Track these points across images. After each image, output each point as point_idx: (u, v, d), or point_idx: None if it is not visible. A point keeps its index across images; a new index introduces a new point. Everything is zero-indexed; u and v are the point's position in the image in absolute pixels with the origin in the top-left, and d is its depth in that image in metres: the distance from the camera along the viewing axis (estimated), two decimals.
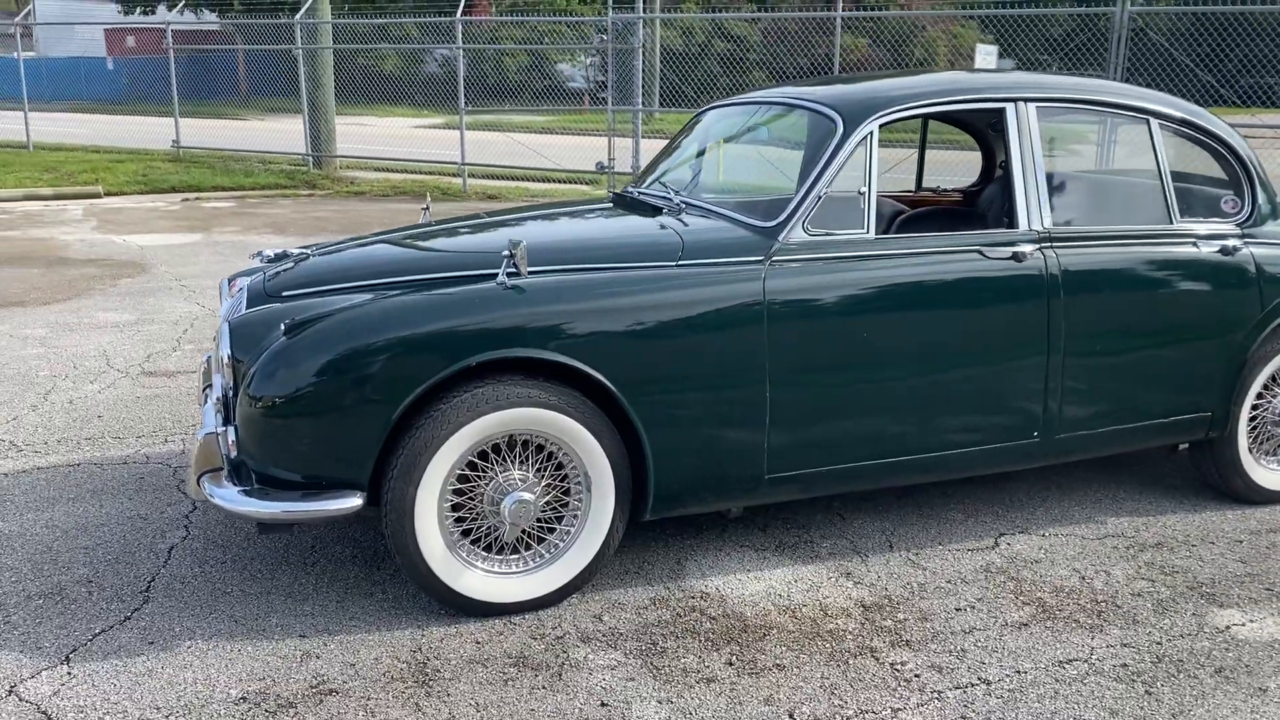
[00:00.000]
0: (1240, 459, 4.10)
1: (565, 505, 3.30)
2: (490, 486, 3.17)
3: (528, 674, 2.96)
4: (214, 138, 17.77)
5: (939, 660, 3.07)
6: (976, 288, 3.58)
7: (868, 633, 3.21)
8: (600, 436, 3.22)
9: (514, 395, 3.11)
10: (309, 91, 15.36)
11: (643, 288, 3.29)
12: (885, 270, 3.49)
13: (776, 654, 3.09)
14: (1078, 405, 3.75)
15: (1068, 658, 3.09)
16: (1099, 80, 4.06)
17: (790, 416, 3.40)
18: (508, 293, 3.16)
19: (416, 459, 3.05)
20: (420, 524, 3.09)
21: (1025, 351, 3.63)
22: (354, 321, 3.08)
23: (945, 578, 3.58)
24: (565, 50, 24.16)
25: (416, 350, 3.04)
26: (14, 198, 13.30)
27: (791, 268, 3.40)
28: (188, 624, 3.20)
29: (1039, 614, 3.34)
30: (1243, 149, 4.03)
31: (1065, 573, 3.63)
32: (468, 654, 3.06)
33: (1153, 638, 3.21)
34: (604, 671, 2.98)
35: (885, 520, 4.01)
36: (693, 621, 3.26)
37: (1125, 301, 3.76)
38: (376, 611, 3.28)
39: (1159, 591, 3.50)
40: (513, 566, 3.26)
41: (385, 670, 2.97)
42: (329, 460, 3.05)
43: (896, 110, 3.60)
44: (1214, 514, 4.13)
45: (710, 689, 2.91)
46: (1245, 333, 3.93)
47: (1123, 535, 3.93)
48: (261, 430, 3.05)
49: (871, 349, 3.46)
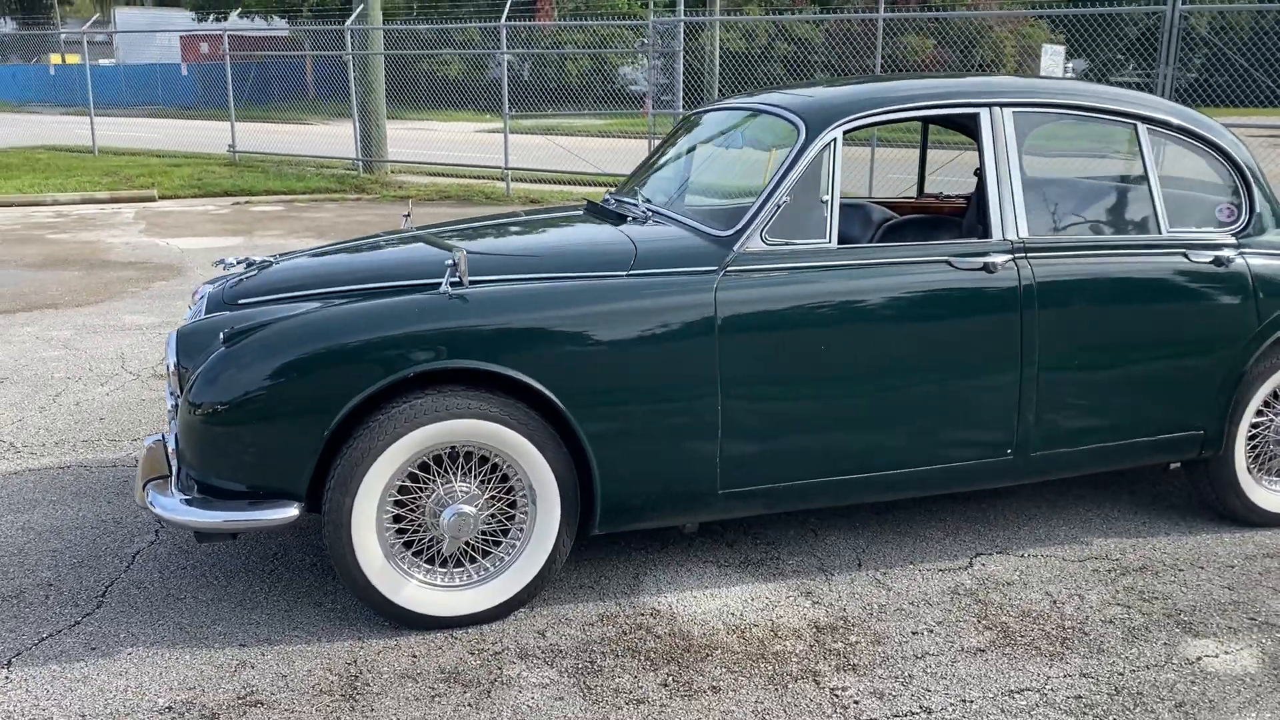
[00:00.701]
0: (1238, 479, 3.91)
1: (512, 518, 3.26)
2: (431, 499, 3.14)
3: (457, 690, 2.93)
4: (273, 142, 18.10)
5: (882, 686, 2.96)
6: (943, 300, 3.45)
7: (815, 655, 3.12)
8: (545, 449, 3.17)
9: (454, 407, 3.08)
10: (359, 97, 15.56)
11: (590, 298, 3.23)
12: (845, 281, 3.39)
13: (715, 676, 3.01)
14: (1055, 422, 3.61)
15: (1020, 687, 2.97)
16: (1084, 84, 3.90)
17: (744, 430, 3.32)
18: (450, 302, 3.12)
19: (353, 470, 3.03)
20: (358, 535, 3.07)
21: (996, 366, 3.50)
22: (290, 331, 3.07)
23: (909, 599, 3.46)
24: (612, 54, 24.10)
25: (353, 361, 3.02)
26: (72, 201, 13.68)
27: (746, 278, 3.31)
28: (134, 630, 3.21)
29: (999, 639, 3.21)
30: (1240, 154, 3.84)
31: (1037, 596, 3.49)
32: (401, 668, 3.03)
33: (1116, 668, 3.07)
34: (534, 690, 2.93)
35: (859, 537, 3.90)
36: (637, 640, 3.20)
37: (1106, 315, 3.61)
38: (321, 621, 3.27)
39: (1132, 619, 3.35)
40: (455, 579, 3.23)
41: (316, 682, 2.95)
42: (265, 470, 3.04)
43: (861, 117, 3.50)
44: (1209, 536, 3.94)
45: (638, 710, 2.84)
46: (1240, 348, 3.75)
47: (1106, 557, 3.77)
48: (199, 439, 3.06)
49: (830, 362, 3.36)
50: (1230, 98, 11.35)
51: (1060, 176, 4.04)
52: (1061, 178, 4.05)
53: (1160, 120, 3.75)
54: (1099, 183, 4.09)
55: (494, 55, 23.38)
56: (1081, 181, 4.10)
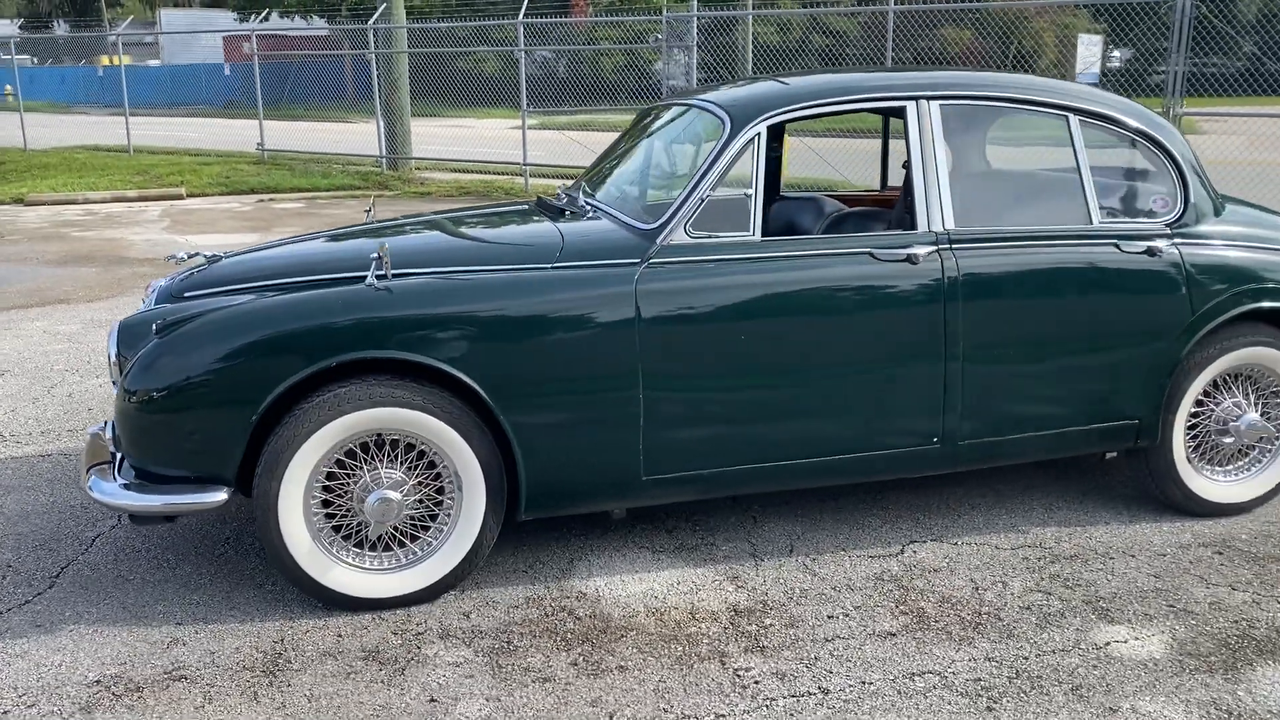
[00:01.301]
0: (1176, 468, 3.92)
1: (440, 504, 3.37)
2: (358, 485, 3.26)
3: (373, 668, 3.04)
4: (302, 140, 18.38)
5: (786, 668, 3.04)
6: (865, 291, 3.51)
7: (727, 637, 3.20)
8: (469, 437, 3.28)
9: (378, 395, 3.19)
10: (384, 94, 15.78)
11: (513, 290, 3.33)
12: (766, 273, 3.45)
13: (625, 655, 3.10)
14: (982, 412, 3.65)
15: (921, 670, 3.03)
16: (1018, 76, 3.91)
17: (667, 418, 3.40)
18: (373, 294, 3.24)
19: (279, 456, 3.15)
20: (285, 519, 3.19)
21: (920, 357, 3.55)
22: (218, 323, 3.20)
23: (832, 584, 3.53)
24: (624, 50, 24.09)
25: (276, 351, 3.14)
26: (103, 199, 14.03)
27: (667, 270, 3.39)
28: (79, 609, 3.37)
29: (913, 624, 3.27)
30: (1174, 145, 3.85)
31: (961, 582, 3.54)
32: (325, 646, 3.15)
33: (1021, 652, 3.11)
34: (447, 668, 3.04)
35: (796, 524, 3.97)
36: (557, 621, 3.30)
37: (1034, 306, 3.64)
38: (258, 602, 3.40)
39: (1050, 605, 3.39)
40: (383, 563, 3.35)
41: (242, 660, 3.09)
42: (196, 455, 3.18)
43: (786, 111, 3.56)
44: (1148, 526, 3.96)
45: (543, 689, 2.94)
46: (1174, 338, 3.76)
47: (1040, 545, 3.81)
48: (133, 426, 3.20)
49: (751, 353, 3.43)
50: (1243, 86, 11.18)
51: (991, 168, 4.07)
52: (992, 169, 4.08)
53: (1093, 112, 3.77)
54: (1030, 174, 4.12)
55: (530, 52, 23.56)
56: (1012, 173, 4.13)
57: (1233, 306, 3.79)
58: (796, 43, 28.64)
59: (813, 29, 28.38)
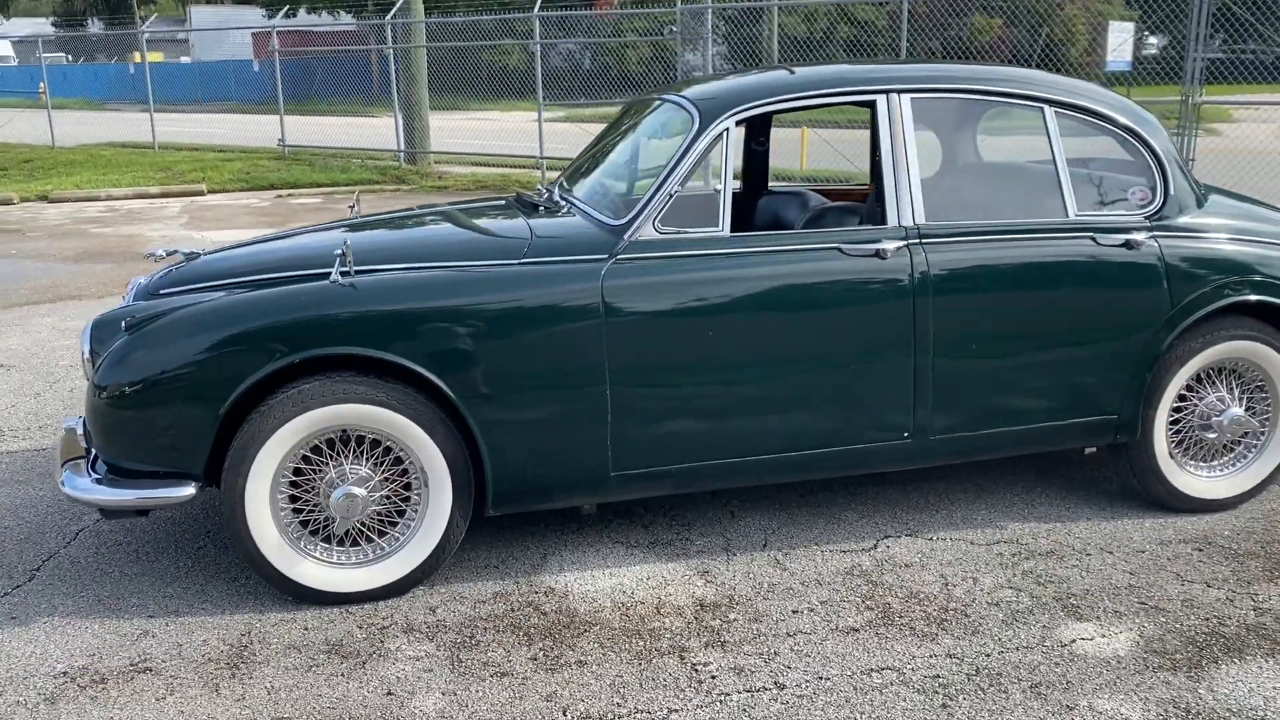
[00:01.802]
0: (1158, 464, 3.88)
1: (408, 500, 3.39)
2: (324, 480, 3.29)
3: (335, 661, 3.07)
4: (323, 136, 18.51)
5: (745, 663, 3.04)
6: (833, 286, 3.49)
7: (689, 632, 3.20)
8: (434, 433, 3.30)
9: (341, 392, 3.22)
10: (402, 89, 15.86)
11: (478, 286, 3.34)
12: (733, 269, 3.45)
13: (586, 650, 3.11)
14: (954, 408, 3.63)
15: (881, 666, 3.02)
16: (991, 68, 3.87)
17: (635, 414, 3.40)
18: (337, 291, 3.26)
19: (245, 451, 3.19)
20: (252, 513, 3.22)
21: (890, 352, 3.53)
22: (184, 320, 3.24)
23: (801, 579, 3.52)
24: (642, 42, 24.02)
25: (241, 348, 3.17)
26: (125, 196, 14.20)
27: (634, 266, 3.39)
28: (55, 602, 3.42)
29: (878, 620, 3.26)
30: (1153, 136, 3.80)
31: (931, 578, 3.52)
32: (290, 639, 3.19)
33: (984, 649, 3.10)
34: (408, 662, 3.07)
35: (773, 518, 3.96)
36: (522, 616, 3.31)
37: (1007, 300, 3.61)
38: (231, 596, 3.44)
39: (1020, 602, 3.36)
40: (351, 557, 3.37)
41: (207, 652, 3.13)
42: (165, 450, 3.22)
43: (754, 106, 3.55)
44: (1130, 522, 3.92)
45: (500, 683, 2.96)
46: (1153, 332, 3.72)
47: (1016, 541, 3.78)
48: (103, 422, 3.24)
49: (718, 349, 3.43)
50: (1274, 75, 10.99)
51: (964, 162, 4.04)
52: (965, 163, 4.05)
53: (1069, 103, 3.73)
54: (1005, 167, 4.08)
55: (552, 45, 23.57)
56: (986, 166, 4.09)
57: (1214, 300, 3.74)
58: (823, 33, 28.48)
59: (840, 19, 28.19)
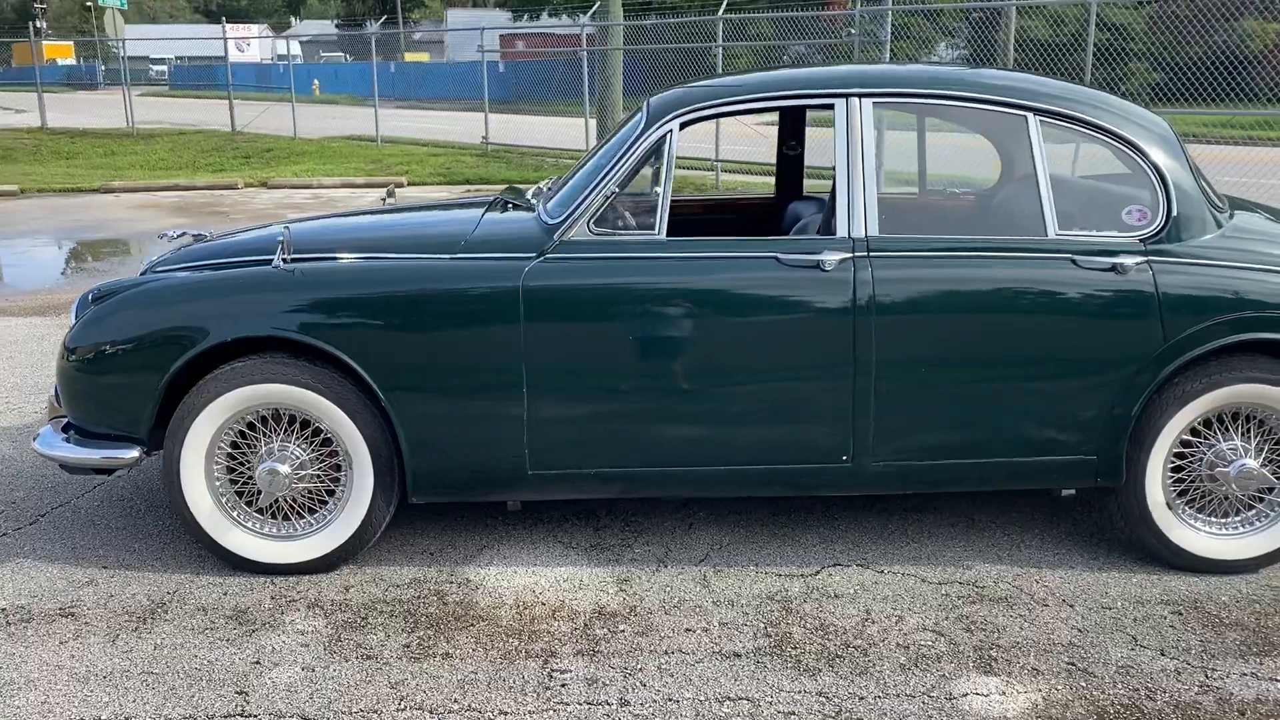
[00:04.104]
0: (1150, 514, 3.49)
1: (338, 481, 3.52)
2: (256, 455, 3.46)
3: (230, 626, 3.24)
4: (526, 135, 19.16)
5: (604, 675, 2.98)
6: (765, 297, 3.35)
7: (569, 639, 3.16)
8: (356, 418, 3.41)
9: (270, 372, 3.38)
10: (597, 90, 16.22)
11: (405, 278, 3.42)
12: (662, 275, 3.37)
13: (459, 644, 3.14)
14: (901, 435, 3.40)
15: (739, 696, 2.88)
16: (969, 70, 3.56)
17: (553, 415, 3.39)
18: (276, 275, 3.43)
19: (181, 422, 3.41)
20: (187, 481, 3.44)
21: (826, 371, 3.35)
22: (136, 296, 3.49)
23: (717, 598, 3.40)
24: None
25: (182, 325, 3.39)
26: (332, 185, 15.26)
27: (558, 267, 3.38)
28: (40, 546, 3.77)
29: (767, 649, 3.11)
30: (1155, 149, 3.40)
31: (853, 612, 3.32)
32: (205, 602, 3.38)
33: (860, 692, 2.90)
34: (293, 635, 3.19)
35: (728, 534, 3.84)
36: (422, 604, 3.37)
37: (964, 324, 3.34)
38: (187, 557, 3.67)
39: (934, 647, 3.12)
40: (280, 530, 3.54)
41: (130, 605, 3.36)
42: (115, 415, 3.48)
43: (701, 108, 3.45)
44: (1118, 574, 3.55)
45: (360, 665, 3.03)
46: (1141, 368, 3.34)
47: (974, 584, 3.50)
48: (66, 385, 3.55)
49: (641, 354, 3.36)
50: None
51: (930, 173, 3.76)
52: (936, 174, 3.76)
53: (1056, 111, 3.40)
54: (980, 180, 3.76)
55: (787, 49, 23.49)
56: (957, 180, 3.78)
57: (1218, 336, 3.33)
58: (1070, 38, 26.94)
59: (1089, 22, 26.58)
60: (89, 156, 19.49)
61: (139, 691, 2.90)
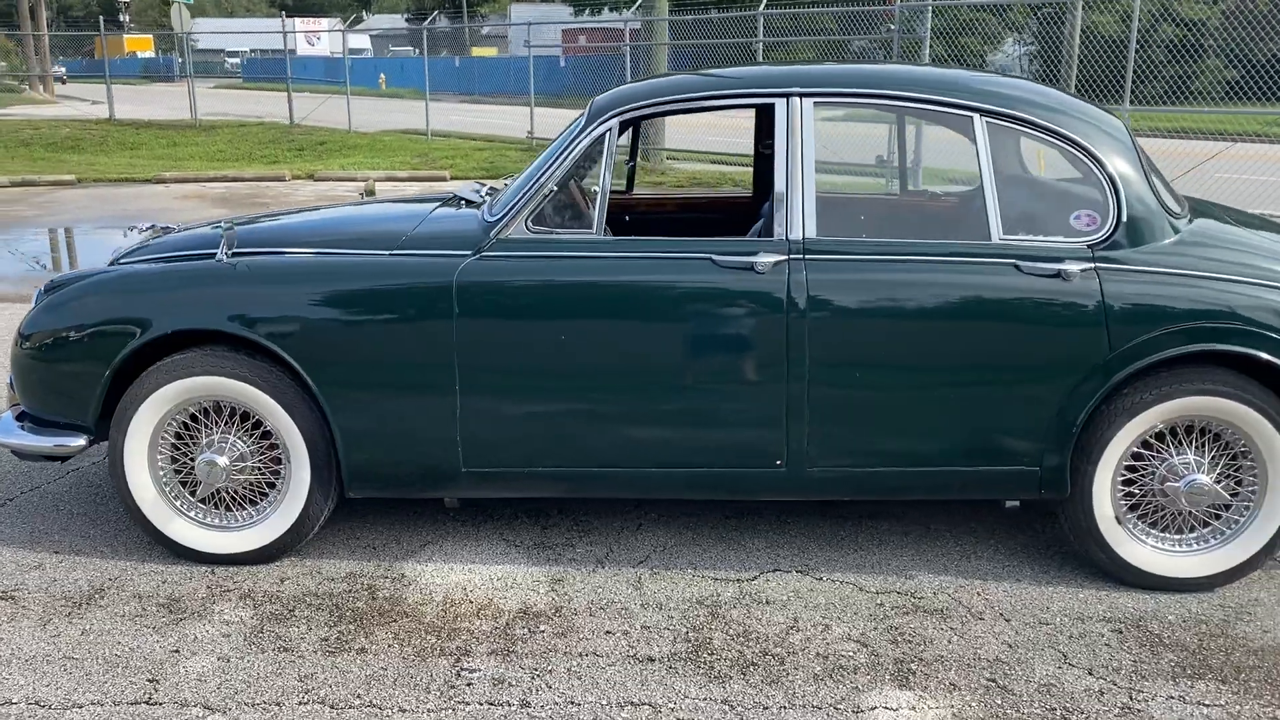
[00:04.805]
0: (1098, 528, 3.38)
1: (279, 474, 3.56)
2: (198, 447, 3.51)
3: (160, 614, 3.29)
4: None
5: (511, 675, 2.97)
6: (698, 299, 3.30)
7: (486, 637, 3.16)
8: (293, 411, 3.44)
9: (209, 364, 3.43)
10: None
11: (342, 274, 3.45)
12: (597, 274, 3.34)
13: (376, 640, 3.15)
14: (836, 440, 3.34)
15: (642, 701, 2.86)
16: (915, 69, 3.46)
17: (485, 413, 3.39)
18: (217, 269, 3.47)
19: (125, 411, 3.47)
20: (130, 469, 3.50)
21: (758, 373, 3.30)
22: (85, 287, 3.56)
23: (645, 601, 3.37)
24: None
25: (125, 316, 3.45)
26: (377, 178, 15.43)
27: (492, 265, 3.37)
28: (2, 529, 3.86)
29: (683, 654, 3.08)
30: (1106, 151, 3.28)
31: (780, 619, 3.27)
32: (141, 590, 3.44)
33: (765, 701, 2.85)
34: (217, 625, 3.23)
35: (674, 537, 3.80)
36: (351, 598, 3.39)
37: (901, 329, 3.26)
38: (138, 546, 3.74)
39: (854, 658, 3.06)
40: (222, 521, 3.58)
41: (69, 590, 3.43)
42: (63, 403, 3.56)
43: (640, 107, 3.42)
44: (1064, 589, 3.44)
45: (274, 657, 3.05)
46: (1085, 378, 3.24)
47: (912, 594, 3.43)
48: (19, 374, 3.63)
49: (574, 354, 3.34)
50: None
51: (876, 176, 3.67)
52: (879, 177, 3.68)
53: (1002, 112, 3.31)
54: (926, 183, 3.66)
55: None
56: (900, 182, 3.69)
57: (1168, 346, 3.22)
58: (1142, 34, 26.26)
59: (1161, 17, 25.92)
60: (152, 147, 19.97)
61: (55, 676, 2.96)
